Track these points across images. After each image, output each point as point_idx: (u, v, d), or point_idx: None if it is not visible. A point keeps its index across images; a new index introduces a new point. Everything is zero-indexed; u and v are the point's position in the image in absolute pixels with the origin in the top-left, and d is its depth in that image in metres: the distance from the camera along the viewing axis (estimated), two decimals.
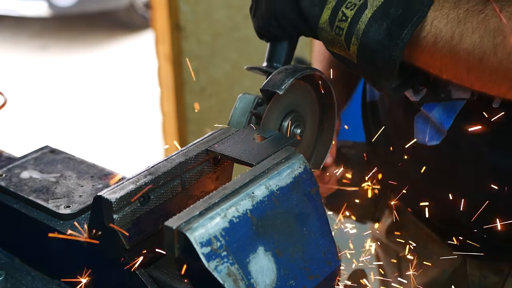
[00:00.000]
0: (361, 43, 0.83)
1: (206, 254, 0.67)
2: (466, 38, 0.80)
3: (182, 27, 2.98)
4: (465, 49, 0.81)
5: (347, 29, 0.83)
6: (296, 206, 0.77)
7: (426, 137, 1.07)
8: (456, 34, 0.81)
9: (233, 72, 3.06)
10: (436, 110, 1.04)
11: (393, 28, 0.81)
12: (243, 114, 0.91)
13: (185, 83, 3.12)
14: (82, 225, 0.88)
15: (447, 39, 0.81)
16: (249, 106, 0.91)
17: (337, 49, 0.86)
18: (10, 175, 0.99)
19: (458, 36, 0.81)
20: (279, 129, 0.94)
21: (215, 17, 2.98)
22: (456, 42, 0.81)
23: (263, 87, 0.88)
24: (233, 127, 0.90)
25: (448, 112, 1.02)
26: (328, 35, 0.86)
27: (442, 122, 1.03)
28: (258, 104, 0.91)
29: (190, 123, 3.23)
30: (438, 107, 1.03)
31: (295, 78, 0.88)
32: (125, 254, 0.77)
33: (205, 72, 3.09)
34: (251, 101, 0.91)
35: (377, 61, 0.83)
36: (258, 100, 0.91)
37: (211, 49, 3.05)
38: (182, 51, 3.05)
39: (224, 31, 3.01)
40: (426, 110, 1.05)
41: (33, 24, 6.53)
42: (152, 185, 0.77)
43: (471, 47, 0.80)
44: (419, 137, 1.08)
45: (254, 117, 0.91)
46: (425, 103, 1.05)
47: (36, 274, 0.94)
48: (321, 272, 0.77)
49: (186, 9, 2.95)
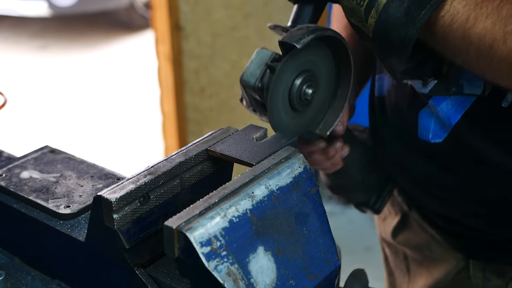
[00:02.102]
0: (379, 17, 0.83)
1: (206, 254, 0.67)
2: (480, 23, 0.79)
3: (182, 27, 2.98)
4: (477, 34, 0.80)
5: (369, 1, 0.83)
6: (296, 206, 0.77)
7: (429, 134, 1.06)
8: (471, 17, 0.80)
9: (233, 72, 3.06)
10: (445, 104, 1.02)
11: (413, 8, 0.81)
12: (258, 66, 0.90)
13: (185, 83, 3.12)
14: (82, 225, 0.88)
15: (462, 21, 0.80)
16: (265, 60, 0.90)
17: (355, 20, 0.86)
18: (10, 175, 0.99)
19: (473, 20, 0.80)
20: (291, 87, 0.93)
21: (215, 17, 2.98)
22: (470, 26, 0.80)
23: (282, 39, 0.87)
24: (245, 79, 0.90)
25: (457, 107, 1.01)
26: (349, 4, 0.86)
27: (450, 117, 1.02)
28: (275, 59, 0.90)
29: (190, 123, 3.23)
30: (447, 100, 1.02)
31: (315, 35, 0.87)
32: (125, 254, 0.77)
33: (205, 72, 3.09)
34: (269, 55, 0.90)
35: (392, 38, 0.83)
36: (275, 56, 0.90)
37: (211, 49, 3.05)
38: (182, 51, 3.05)
39: (224, 31, 3.01)
40: (434, 103, 1.03)
41: (33, 24, 6.53)
42: None
43: (483, 32, 0.79)
44: (422, 134, 1.07)
45: (269, 70, 0.89)
46: (434, 96, 1.03)
47: (36, 274, 0.94)
48: (321, 272, 0.77)
49: (186, 9, 2.95)
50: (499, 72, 0.82)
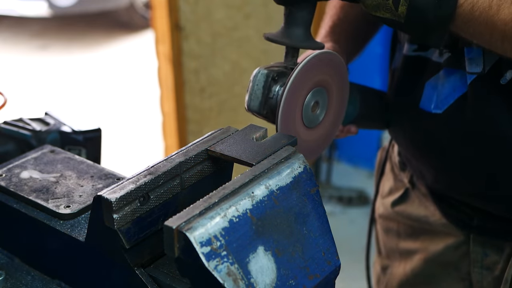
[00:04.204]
0: (410, 3, 0.87)
1: (206, 254, 0.67)
2: (504, 9, 0.85)
3: (182, 27, 2.98)
4: (502, 20, 0.85)
5: None
6: (296, 205, 0.77)
7: (432, 104, 1.10)
8: (494, 4, 0.85)
9: (233, 72, 3.06)
10: (454, 76, 1.07)
11: None
12: (259, 93, 0.94)
13: (185, 83, 3.12)
14: (82, 225, 0.88)
15: (484, 8, 0.86)
16: (264, 83, 0.95)
17: (382, 12, 0.89)
18: (10, 175, 0.99)
19: (496, 7, 0.85)
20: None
21: (215, 17, 2.98)
22: (494, 12, 0.85)
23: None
24: (251, 108, 0.92)
25: (464, 82, 1.06)
26: (373, 2, 0.89)
27: (456, 89, 1.07)
28: (274, 79, 0.94)
29: (190, 123, 3.23)
30: (457, 73, 1.07)
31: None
32: (125, 254, 0.77)
33: (205, 72, 3.09)
34: (264, 78, 0.95)
35: (428, 19, 0.87)
36: (274, 75, 0.95)
37: (211, 49, 3.05)
38: (182, 51, 3.05)
39: (224, 31, 3.01)
40: (445, 74, 1.08)
41: (33, 24, 6.53)
42: None
43: (509, 18, 0.85)
44: (424, 104, 1.12)
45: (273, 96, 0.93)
46: (446, 67, 1.08)
47: (36, 274, 0.94)
48: (321, 272, 0.77)
49: (186, 9, 2.95)
50: None
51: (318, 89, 0.96)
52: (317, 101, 0.97)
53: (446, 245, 1.23)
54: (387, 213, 1.35)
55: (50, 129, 1.15)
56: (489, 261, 1.18)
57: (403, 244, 1.32)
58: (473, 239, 1.19)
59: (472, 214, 1.16)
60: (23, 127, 1.15)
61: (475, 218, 1.16)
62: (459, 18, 0.88)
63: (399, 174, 1.34)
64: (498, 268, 1.17)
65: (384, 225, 1.38)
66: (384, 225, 1.38)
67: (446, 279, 1.26)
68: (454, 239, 1.22)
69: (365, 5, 0.90)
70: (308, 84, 0.94)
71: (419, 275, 1.29)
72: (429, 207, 1.25)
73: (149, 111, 4.66)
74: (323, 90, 0.97)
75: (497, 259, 1.17)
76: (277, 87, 0.94)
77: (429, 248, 1.26)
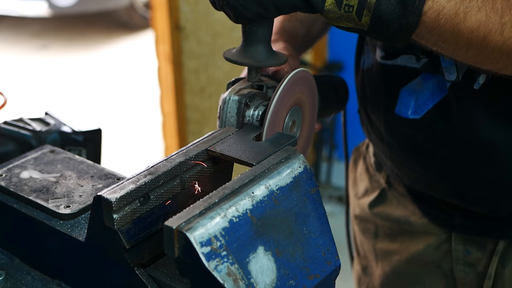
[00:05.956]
0: (374, 14, 0.84)
1: (206, 254, 0.67)
2: (472, 17, 0.82)
3: (182, 27, 2.98)
4: (468, 27, 0.82)
5: (358, 5, 0.84)
6: (296, 206, 0.77)
7: (409, 110, 1.09)
8: (461, 11, 0.82)
9: (233, 72, 3.06)
10: (432, 82, 1.06)
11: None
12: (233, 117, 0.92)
13: (185, 83, 3.12)
14: (82, 225, 0.88)
15: (450, 15, 0.82)
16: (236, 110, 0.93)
17: (345, 23, 0.87)
18: (10, 175, 0.99)
19: (463, 14, 0.82)
20: None
21: (215, 17, 2.99)
22: (460, 20, 0.82)
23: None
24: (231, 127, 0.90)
25: (443, 87, 1.05)
26: (335, 15, 0.86)
27: (435, 94, 1.06)
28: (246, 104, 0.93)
29: (190, 123, 3.24)
30: (434, 78, 1.06)
31: None
32: (125, 254, 0.77)
33: (205, 72, 3.09)
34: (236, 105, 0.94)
35: (393, 27, 0.84)
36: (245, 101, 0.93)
37: (211, 49, 3.05)
38: (182, 51, 3.05)
39: (224, 31, 3.01)
40: (423, 79, 1.07)
41: (33, 24, 6.53)
42: None
43: (475, 25, 0.82)
44: (401, 110, 1.11)
45: None
46: (424, 73, 1.07)
47: (36, 274, 0.94)
48: (321, 272, 0.77)
49: (186, 9, 2.96)
50: (489, 59, 0.85)
51: (294, 108, 0.96)
52: (294, 120, 0.97)
53: (427, 244, 1.23)
54: (364, 214, 1.35)
55: (50, 129, 1.15)
56: (471, 258, 1.18)
57: (380, 245, 1.32)
58: (454, 237, 1.19)
59: (453, 212, 1.16)
60: (23, 127, 1.15)
61: (456, 216, 1.16)
62: (423, 25, 0.84)
63: (374, 175, 1.33)
64: (481, 265, 1.17)
65: (361, 226, 1.37)
66: (361, 226, 1.37)
67: (429, 276, 1.25)
68: (435, 237, 1.22)
69: (327, 18, 0.87)
70: (285, 108, 0.93)
71: (401, 275, 1.28)
72: (408, 207, 1.24)
73: (149, 111, 4.67)
74: (298, 108, 0.97)
75: (480, 256, 1.16)
76: (250, 111, 0.92)
77: (410, 248, 1.25)
